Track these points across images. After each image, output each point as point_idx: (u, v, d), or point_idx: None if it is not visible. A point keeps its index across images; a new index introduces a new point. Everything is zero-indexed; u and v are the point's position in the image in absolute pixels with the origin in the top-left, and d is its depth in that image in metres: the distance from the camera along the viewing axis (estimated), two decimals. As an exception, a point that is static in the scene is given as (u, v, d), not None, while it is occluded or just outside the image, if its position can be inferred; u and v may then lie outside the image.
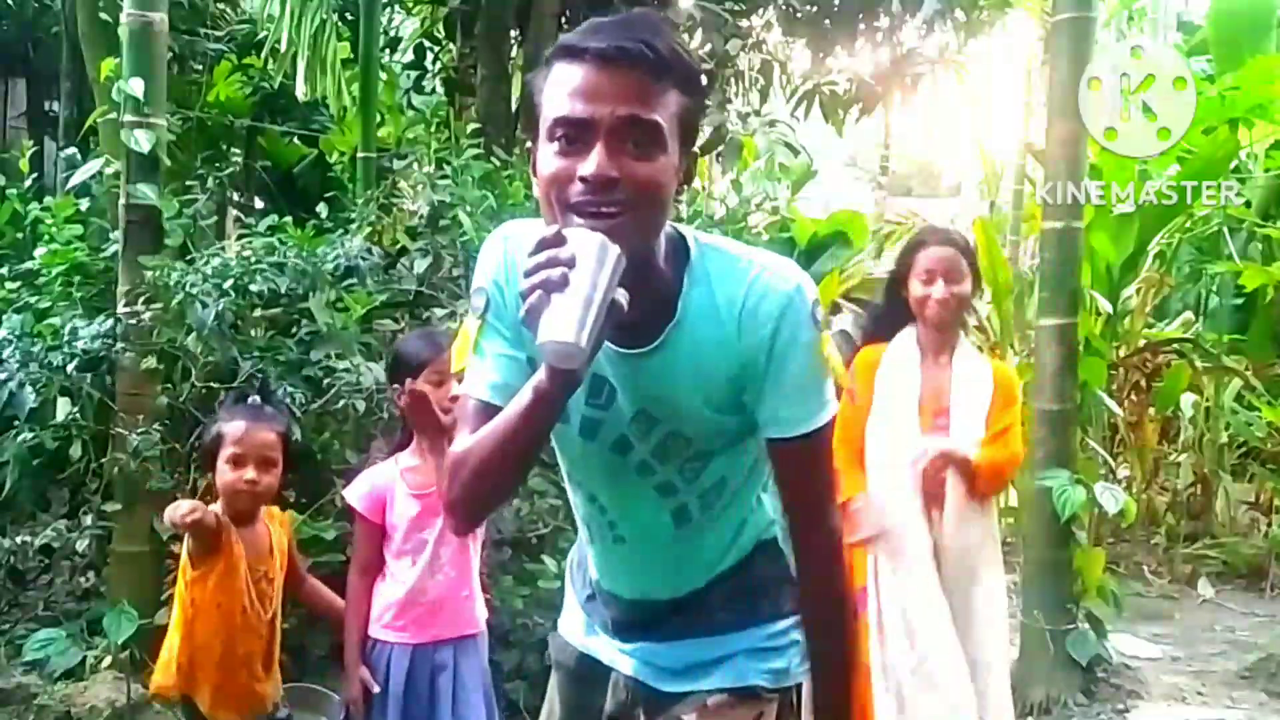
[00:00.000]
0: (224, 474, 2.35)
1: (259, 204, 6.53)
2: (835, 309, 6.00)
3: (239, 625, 2.36)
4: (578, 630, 1.63)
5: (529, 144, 1.34)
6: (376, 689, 2.42)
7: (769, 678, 1.49)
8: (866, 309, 3.09)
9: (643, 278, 1.24)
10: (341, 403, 3.31)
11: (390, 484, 2.47)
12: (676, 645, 1.51)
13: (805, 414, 1.36)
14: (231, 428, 2.37)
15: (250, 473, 2.35)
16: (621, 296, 1.16)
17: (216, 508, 2.37)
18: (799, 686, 1.53)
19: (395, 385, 2.46)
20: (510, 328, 1.36)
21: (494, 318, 1.37)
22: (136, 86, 3.46)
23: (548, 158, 1.24)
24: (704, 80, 1.41)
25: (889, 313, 2.83)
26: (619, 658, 1.55)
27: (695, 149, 1.34)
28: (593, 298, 1.14)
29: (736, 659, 1.49)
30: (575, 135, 1.22)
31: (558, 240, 1.17)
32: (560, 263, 1.14)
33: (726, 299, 1.32)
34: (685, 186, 1.33)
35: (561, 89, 1.23)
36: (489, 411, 1.32)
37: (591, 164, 1.20)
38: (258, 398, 2.51)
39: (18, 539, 3.47)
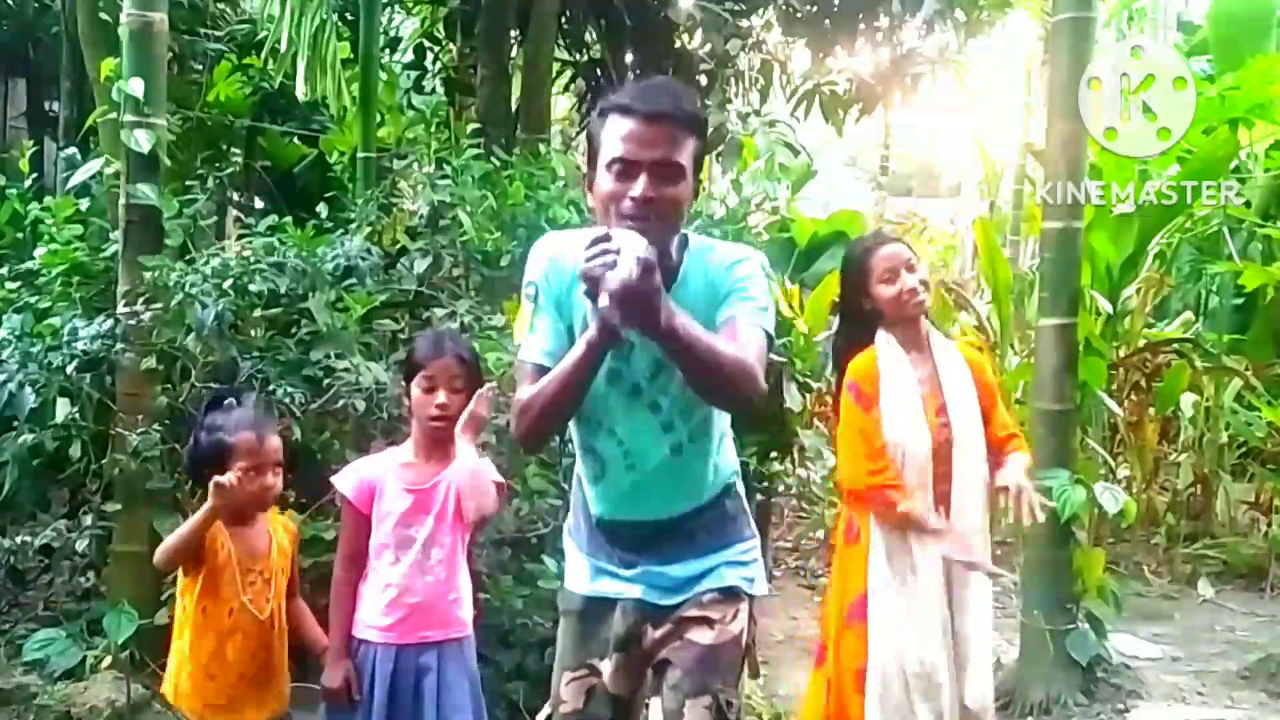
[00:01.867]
0: (241, 485, 2.32)
1: (259, 204, 6.53)
2: (835, 309, 5.98)
3: (227, 628, 2.35)
4: (584, 579, 2.05)
5: (586, 169, 1.91)
6: (359, 697, 2.40)
7: (745, 583, 2.02)
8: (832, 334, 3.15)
9: (662, 259, 1.73)
10: (341, 403, 3.31)
11: (382, 476, 2.46)
12: (671, 566, 1.98)
13: (752, 311, 1.87)
14: (242, 440, 2.36)
15: (268, 478, 2.37)
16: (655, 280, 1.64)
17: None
18: (755, 597, 2.04)
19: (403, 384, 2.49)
20: (554, 309, 1.90)
21: (544, 302, 1.90)
22: (136, 86, 3.46)
23: (606, 183, 1.81)
24: (706, 119, 2.00)
25: (857, 325, 2.84)
26: (625, 587, 2.00)
27: (701, 173, 1.92)
28: (632, 274, 1.60)
29: (720, 569, 2.00)
30: (626, 170, 1.80)
31: (606, 238, 1.64)
32: (611, 251, 1.61)
33: (713, 264, 1.92)
34: (694, 199, 1.91)
35: (615, 136, 1.81)
36: (542, 371, 1.84)
37: (638, 189, 1.78)
38: (233, 400, 2.49)
39: (18, 539, 3.47)
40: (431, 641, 2.41)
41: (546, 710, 2.11)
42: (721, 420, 2.01)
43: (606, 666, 2.00)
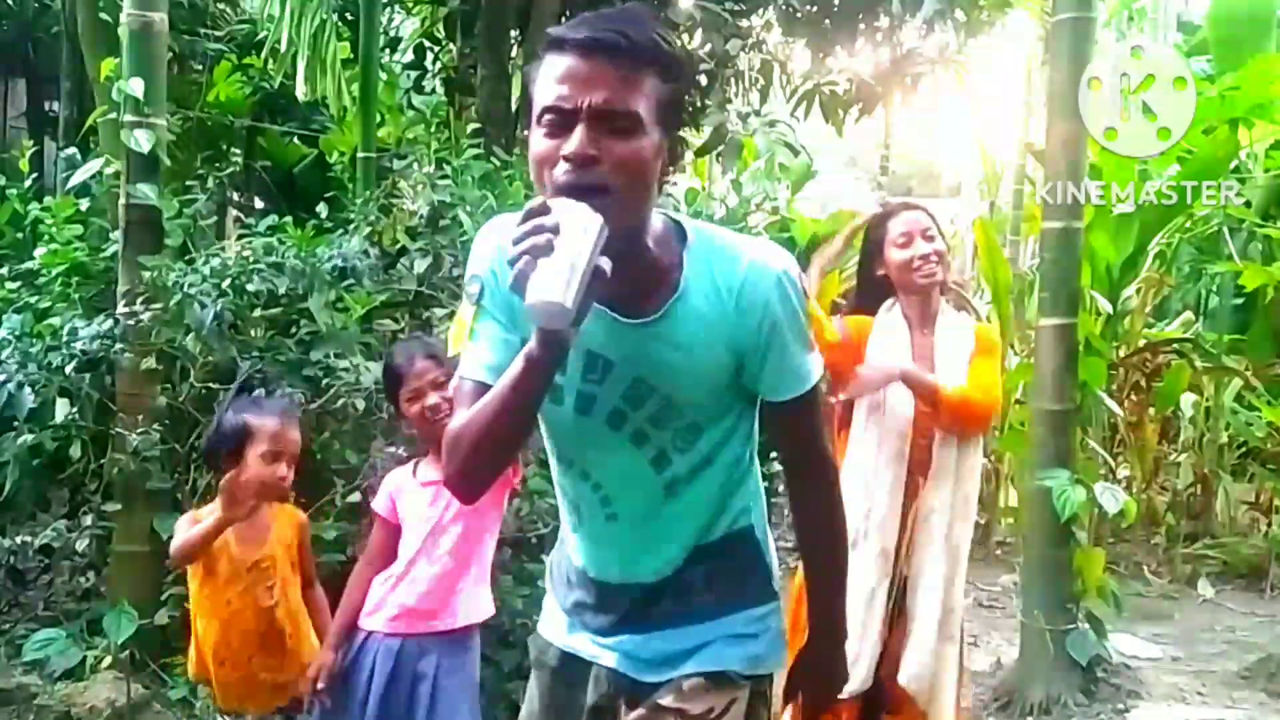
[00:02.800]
0: (256, 468, 2.36)
1: (259, 204, 6.53)
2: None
3: (226, 617, 2.39)
4: (560, 631, 1.67)
5: (527, 134, 1.42)
6: (317, 698, 2.41)
7: (744, 664, 1.56)
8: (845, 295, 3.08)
9: (633, 252, 1.37)
10: (341, 402, 3.31)
11: (403, 478, 2.50)
12: (656, 636, 1.56)
13: (802, 378, 1.51)
14: (266, 423, 2.38)
15: (283, 469, 2.39)
16: (605, 264, 1.25)
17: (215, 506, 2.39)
18: (772, 676, 1.61)
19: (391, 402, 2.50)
20: (504, 312, 1.44)
21: (489, 303, 1.45)
22: (136, 86, 3.46)
23: (537, 140, 1.35)
24: (687, 65, 1.52)
25: (868, 290, 2.81)
26: (601, 652, 1.60)
27: (681, 132, 1.44)
28: (576, 262, 1.22)
29: (714, 645, 1.55)
30: (560, 120, 1.32)
31: (543, 210, 1.26)
32: (545, 229, 1.24)
33: (724, 278, 1.44)
34: (672, 168, 1.42)
35: (548, 78, 1.34)
36: (484, 391, 1.39)
37: (572, 143, 1.30)
38: (263, 391, 2.53)
39: (18, 539, 3.48)
40: (433, 635, 2.39)
41: None
42: (739, 448, 1.56)
43: None
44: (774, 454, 1.90)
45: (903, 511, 2.69)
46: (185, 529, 2.40)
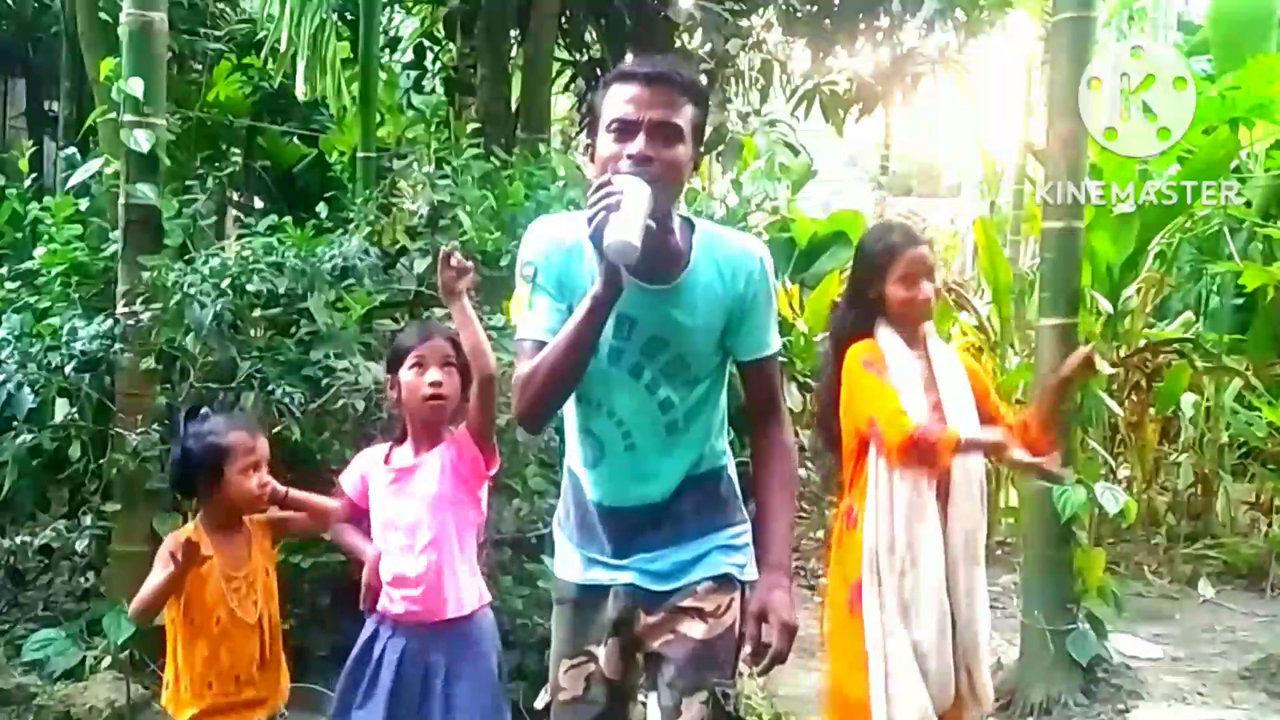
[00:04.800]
0: (240, 484, 2.34)
1: (259, 204, 6.52)
2: (835, 309, 5.98)
3: (216, 636, 2.35)
4: (576, 569, 2.05)
5: (588, 142, 1.95)
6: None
7: (737, 569, 2.00)
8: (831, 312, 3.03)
9: (664, 230, 1.80)
10: (341, 402, 3.31)
11: (373, 461, 2.49)
12: (662, 553, 1.97)
13: (768, 341, 1.99)
14: (237, 440, 2.36)
15: (263, 476, 2.38)
16: (651, 223, 1.70)
17: (189, 528, 2.39)
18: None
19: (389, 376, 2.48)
20: (555, 287, 1.89)
21: (543, 280, 1.89)
22: (136, 86, 3.46)
23: (606, 145, 1.84)
24: (708, 93, 1.99)
25: (861, 313, 2.78)
26: (617, 574, 1.99)
27: (702, 147, 1.97)
28: (637, 213, 1.67)
29: (711, 555, 1.99)
30: (625, 130, 1.82)
31: (608, 182, 1.72)
32: (615, 193, 1.69)
33: (723, 257, 1.93)
34: (694, 172, 1.96)
35: (618, 99, 1.84)
36: (541, 347, 1.83)
37: (636, 145, 1.81)
38: (208, 411, 2.50)
39: (18, 539, 3.47)
40: (436, 626, 2.38)
41: (544, 697, 2.11)
42: (718, 400, 2.02)
43: (602, 652, 2.00)
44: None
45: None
46: (152, 580, 2.31)
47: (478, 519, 2.48)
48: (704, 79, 6.14)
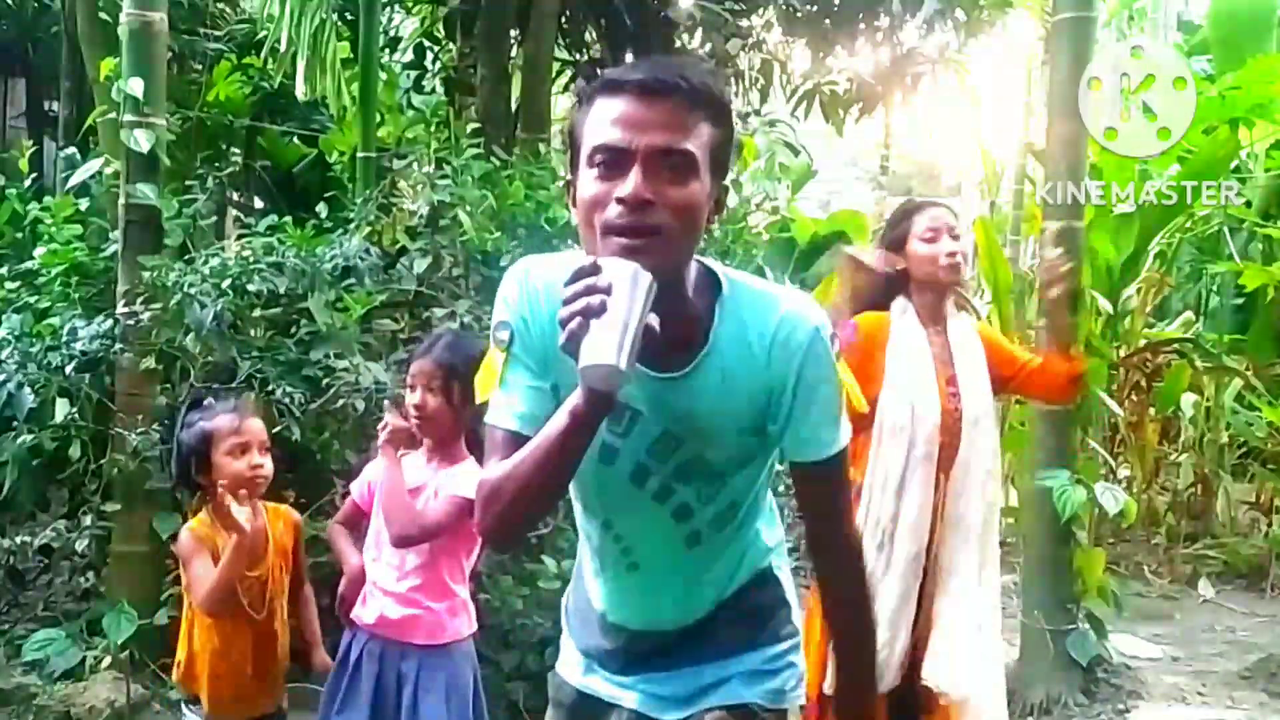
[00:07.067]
0: (228, 466, 2.30)
1: (259, 204, 6.52)
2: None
3: (229, 629, 2.36)
4: (575, 671, 1.66)
5: (568, 176, 1.40)
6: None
7: (764, 698, 1.55)
8: (852, 282, 3.01)
9: (674, 303, 1.32)
10: (341, 402, 3.31)
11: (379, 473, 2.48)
12: (677, 675, 1.56)
13: (829, 440, 1.46)
14: (222, 422, 2.34)
15: (255, 457, 2.34)
16: (654, 320, 1.23)
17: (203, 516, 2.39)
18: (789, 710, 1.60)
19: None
20: (535, 359, 1.41)
21: (519, 350, 1.41)
22: (136, 86, 3.46)
23: (588, 183, 1.32)
24: (729, 104, 1.42)
25: (882, 283, 2.77)
26: (621, 693, 1.59)
27: (727, 181, 1.41)
28: (629, 322, 1.21)
29: (734, 681, 1.55)
30: (614, 161, 1.30)
31: (594, 269, 1.23)
32: (598, 290, 1.21)
33: (757, 332, 1.40)
34: (717, 216, 1.40)
35: (602, 119, 1.32)
36: (518, 441, 1.37)
37: (629, 186, 1.28)
38: (211, 400, 2.49)
39: (18, 539, 3.47)
40: (413, 646, 2.38)
41: None
42: (758, 495, 1.55)
43: None
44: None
45: (932, 512, 2.68)
46: (207, 573, 2.29)
47: (471, 544, 2.44)
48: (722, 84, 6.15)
